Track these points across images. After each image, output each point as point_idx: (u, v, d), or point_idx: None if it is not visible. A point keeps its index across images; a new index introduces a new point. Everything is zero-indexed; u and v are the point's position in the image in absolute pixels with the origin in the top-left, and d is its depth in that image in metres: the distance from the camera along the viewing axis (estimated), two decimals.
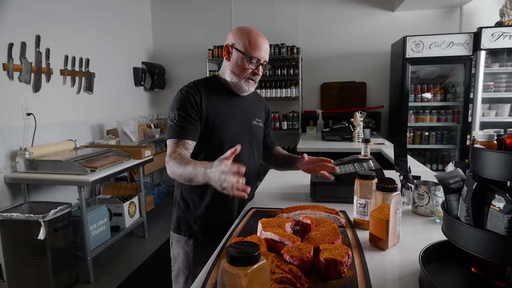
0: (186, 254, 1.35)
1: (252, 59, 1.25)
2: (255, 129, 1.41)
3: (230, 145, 1.22)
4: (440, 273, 0.83)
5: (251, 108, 1.42)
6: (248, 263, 0.58)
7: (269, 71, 4.31)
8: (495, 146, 0.75)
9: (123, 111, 4.09)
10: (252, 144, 1.40)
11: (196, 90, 1.26)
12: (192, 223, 1.34)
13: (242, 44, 1.25)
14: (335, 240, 0.95)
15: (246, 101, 1.39)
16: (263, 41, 1.27)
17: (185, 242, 1.35)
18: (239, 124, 1.34)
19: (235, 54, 1.27)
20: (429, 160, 4.04)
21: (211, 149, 1.27)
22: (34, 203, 2.56)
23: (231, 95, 1.34)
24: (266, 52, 1.28)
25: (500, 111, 3.68)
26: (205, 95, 1.27)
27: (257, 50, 1.24)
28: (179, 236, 1.36)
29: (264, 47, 1.27)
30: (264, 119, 1.50)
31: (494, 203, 0.64)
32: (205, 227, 1.33)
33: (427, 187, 1.26)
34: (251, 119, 1.40)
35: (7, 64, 2.58)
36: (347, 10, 4.38)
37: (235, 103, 1.35)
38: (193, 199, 1.33)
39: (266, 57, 1.29)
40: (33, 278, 2.34)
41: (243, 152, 1.30)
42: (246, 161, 1.35)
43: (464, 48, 3.54)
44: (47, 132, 2.95)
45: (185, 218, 1.35)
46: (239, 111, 1.35)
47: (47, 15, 2.96)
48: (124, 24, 4.19)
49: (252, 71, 1.27)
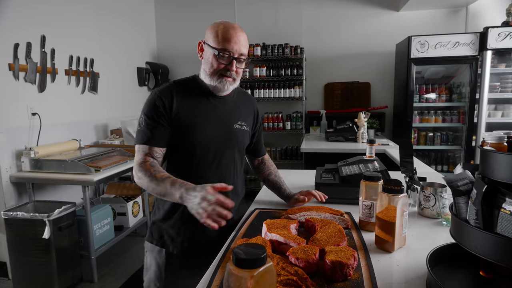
0: (158, 265, 1.25)
1: (221, 53, 1.13)
2: (236, 133, 1.27)
3: (203, 150, 1.20)
4: (447, 276, 0.82)
5: (234, 110, 1.29)
6: (254, 266, 0.57)
7: (273, 71, 4.31)
8: (505, 148, 0.73)
9: (127, 111, 4.09)
10: (232, 149, 1.27)
11: (167, 93, 1.17)
12: (164, 233, 1.24)
13: (212, 37, 1.15)
14: (340, 242, 0.94)
15: (228, 102, 1.27)
16: (235, 32, 1.14)
17: (157, 252, 1.25)
18: (217, 127, 1.22)
19: (206, 49, 1.17)
20: (433, 161, 4.01)
21: (182, 154, 1.20)
22: (39, 202, 2.57)
23: (209, 96, 1.23)
24: (241, 44, 1.14)
25: (506, 112, 3.65)
26: (178, 97, 1.17)
27: (226, 42, 1.12)
28: (152, 245, 1.27)
29: (236, 39, 1.13)
30: (251, 122, 1.36)
31: (505, 206, 0.63)
32: (177, 239, 1.23)
33: (433, 189, 1.25)
34: (233, 122, 1.27)
35: (12, 64, 2.59)
36: (352, 10, 4.36)
37: (214, 104, 1.23)
38: (165, 208, 1.23)
39: (242, 51, 1.16)
40: (37, 277, 2.35)
41: (221, 159, 1.23)
42: (224, 168, 1.25)
43: (470, 48, 3.51)
44: (52, 132, 2.97)
45: (158, 226, 1.26)
46: (217, 114, 1.23)
47: (52, 15, 2.97)
48: (128, 25, 4.20)
49: (224, 67, 1.15)
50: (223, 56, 1.14)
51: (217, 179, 1.21)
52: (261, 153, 1.49)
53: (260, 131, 1.45)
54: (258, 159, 1.50)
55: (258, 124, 1.42)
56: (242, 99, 1.36)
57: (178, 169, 1.20)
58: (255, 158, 1.50)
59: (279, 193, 1.44)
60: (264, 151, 1.51)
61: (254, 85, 4.35)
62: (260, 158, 1.50)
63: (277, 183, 1.45)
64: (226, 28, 1.14)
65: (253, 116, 1.39)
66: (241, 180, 1.37)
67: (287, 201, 1.41)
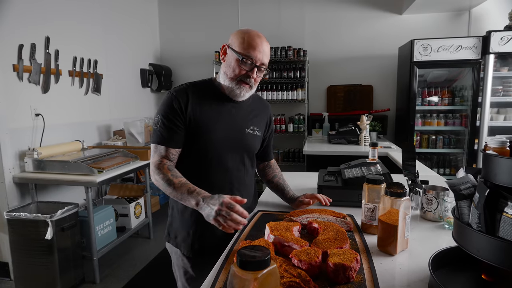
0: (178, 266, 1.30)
1: (245, 59, 1.14)
2: (248, 138, 1.29)
3: (214, 152, 1.22)
4: (450, 280, 0.82)
5: (247, 114, 1.30)
6: (258, 268, 0.58)
7: (275, 73, 4.32)
8: (507, 152, 0.74)
9: (130, 112, 4.11)
10: (242, 153, 1.29)
11: (183, 93, 1.19)
12: (178, 234, 1.28)
13: (237, 43, 1.16)
14: (343, 244, 0.94)
15: (243, 107, 1.29)
16: (261, 41, 1.16)
17: (175, 253, 1.30)
18: (229, 130, 1.24)
19: (230, 53, 1.19)
20: (436, 164, 4.01)
21: (194, 155, 1.22)
22: (41, 203, 2.58)
23: (224, 99, 1.24)
24: (264, 54, 1.17)
25: (509, 116, 3.65)
26: (194, 99, 1.19)
27: (251, 49, 1.14)
28: (169, 245, 1.31)
29: (261, 48, 1.15)
30: (263, 128, 1.38)
31: (507, 210, 0.64)
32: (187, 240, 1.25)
33: (435, 192, 1.25)
34: (245, 127, 1.28)
35: (17, 65, 2.61)
36: (355, 13, 4.37)
37: (227, 108, 1.24)
38: (178, 208, 1.27)
39: (264, 60, 1.18)
40: (39, 277, 2.36)
41: (231, 162, 1.25)
42: (235, 172, 1.27)
43: (473, 51, 3.51)
44: (55, 133, 2.98)
45: (173, 226, 1.29)
46: (230, 117, 1.25)
47: (56, 17, 3.00)
48: (131, 26, 4.23)
49: (245, 73, 1.17)
50: (245, 62, 1.15)
51: (227, 181, 1.24)
52: (269, 157, 1.50)
53: (270, 137, 1.46)
54: (264, 163, 1.51)
55: (269, 131, 1.44)
56: (257, 105, 1.37)
57: (189, 170, 1.21)
58: (262, 162, 1.50)
59: (283, 195, 1.45)
60: (272, 156, 1.52)
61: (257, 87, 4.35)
62: (267, 162, 1.51)
63: (281, 186, 1.45)
64: (252, 36, 1.16)
65: (266, 123, 1.40)
66: (252, 184, 1.39)
67: (291, 204, 1.41)
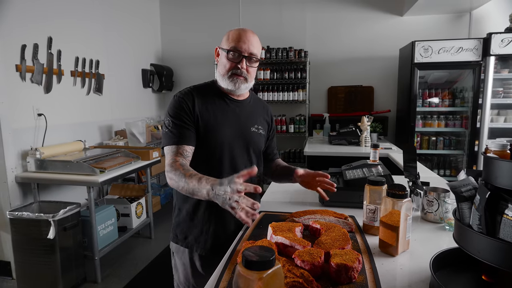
0: (184, 265, 1.30)
1: (232, 52, 1.19)
2: (252, 136, 1.32)
3: (222, 151, 1.23)
4: (450, 280, 0.83)
5: (251, 114, 1.34)
6: (263, 268, 0.58)
7: (277, 74, 4.33)
8: (508, 155, 0.75)
9: (132, 113, 4.13)
10: (249, 151, 1.31)
11: (189, 96, 1.23)
12: (188, 234, 1.28)
13: (224, 40, 1.23)
14: (345, 245, 0.95)
15: (246, 106, 1.33)
16: (245, 33, 1.20)
17: (182, 252, 1.31)
18: (235, 129, 1.27)
19: (220, 53, 1.25)
20: (436, 166, 4.02)
21: (201, 155, 1.23)
22: (44, 203, 2.59)
23: (227, 99, 1.28)
24: (250, 44, 1.19)
25: (509, 117, 3.66)
26: (199, 100, 1.23)
27: (236, 42, 1.18)
28: (177, 246, 1.32)
29: (245, 38, 1.19)
30: (266, 128, 1.41)
31: (507, 212, 0.65)
32: (200, 239, 1.27)
33: (436, 194, 1.26)
34: (249, 125, 1.32)
35: (19, 65, 2.63)
36: (356, 14, 4.38)
37: (231, 107, 1.28)
38: (188, 209, 1.28)
39: (252, 50, 1.20)
40: (41, 277, 2.37)
41: (239, 160, 1.27)
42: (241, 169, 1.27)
43: (473, 53, 3.52)
44: (57, 133, 2.99)
45: (183, 227, 1.30)
46: (235, 116, 1.28)
47: (59, 17, 3.01)
48: (133, 27, 4.24)
49: (235, 65, 1.20)
50: (233, 54, 1.20)
51: None
52: (275, 156, 1.54)
53: (273, 135, 1.50)
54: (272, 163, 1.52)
55: (272, 131, 1.47)
56: (258, 105, 1.41)
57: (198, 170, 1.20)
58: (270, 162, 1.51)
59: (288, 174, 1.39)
60: (278, 155, 1.55)
61: (258, 88, 4.37)
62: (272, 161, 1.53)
63: (286, 167, 1.43)
64: (237, 30, 1.22)
65: (267, 122, 1.43)
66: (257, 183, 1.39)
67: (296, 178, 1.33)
